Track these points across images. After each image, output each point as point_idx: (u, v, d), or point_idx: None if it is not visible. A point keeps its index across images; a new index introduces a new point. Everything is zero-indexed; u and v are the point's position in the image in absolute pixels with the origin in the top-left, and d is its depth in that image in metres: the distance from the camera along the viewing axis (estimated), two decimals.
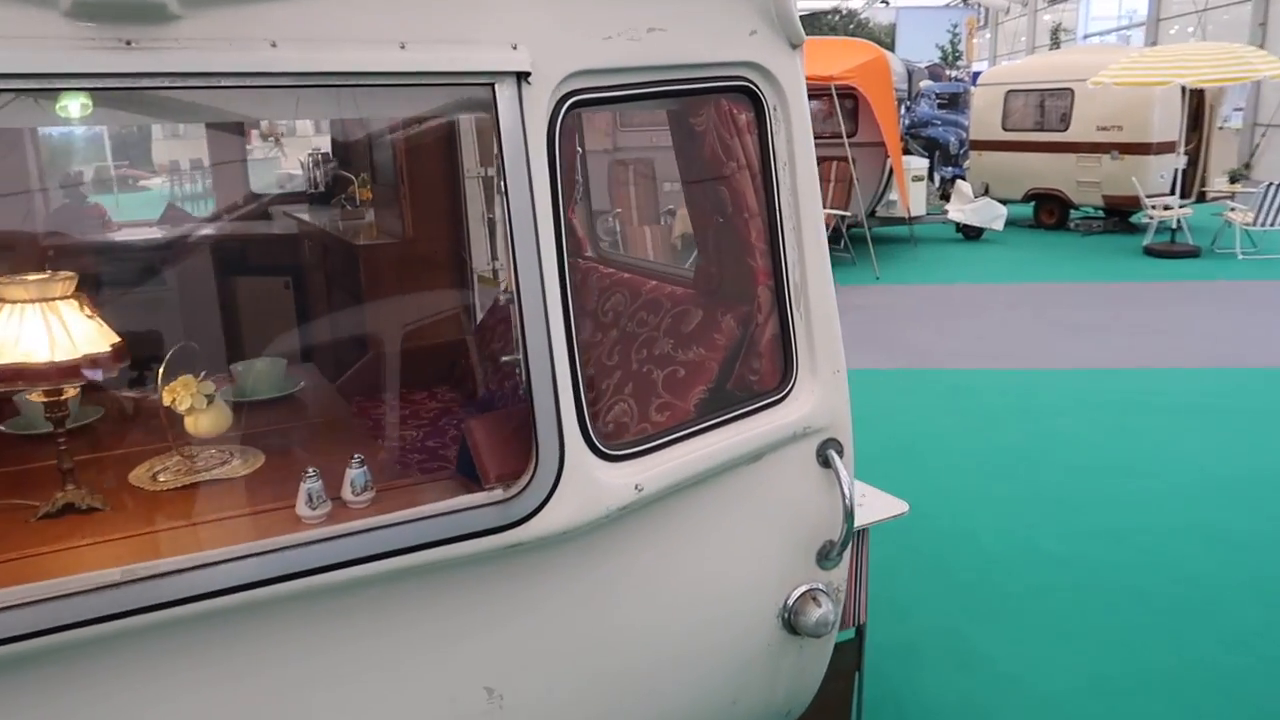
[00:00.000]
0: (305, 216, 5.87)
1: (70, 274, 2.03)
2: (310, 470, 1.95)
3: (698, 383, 2.36)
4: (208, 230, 5.60)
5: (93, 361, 1.94)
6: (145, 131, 9.86)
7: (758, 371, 2.33)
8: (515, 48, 1.75)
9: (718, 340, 2.40)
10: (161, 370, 2.17)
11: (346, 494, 1.98)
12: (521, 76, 1.75)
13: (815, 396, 2.20)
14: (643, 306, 2.77)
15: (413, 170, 4.48)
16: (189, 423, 2.19)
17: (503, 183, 1.78)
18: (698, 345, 2.44)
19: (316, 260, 5.40)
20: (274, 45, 1.56)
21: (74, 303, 2.00)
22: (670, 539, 2.07)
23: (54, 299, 1.95)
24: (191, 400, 2.10)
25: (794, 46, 2.10)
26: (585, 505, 1.85)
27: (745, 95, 2.11)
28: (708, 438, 2.08)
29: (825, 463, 2.22)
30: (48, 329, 1.91)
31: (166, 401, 2.13)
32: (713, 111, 2.32)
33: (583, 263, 3.36)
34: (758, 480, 2.17)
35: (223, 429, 2.25)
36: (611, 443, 1.95)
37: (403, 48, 1.66)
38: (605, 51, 1.88)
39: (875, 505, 2.87)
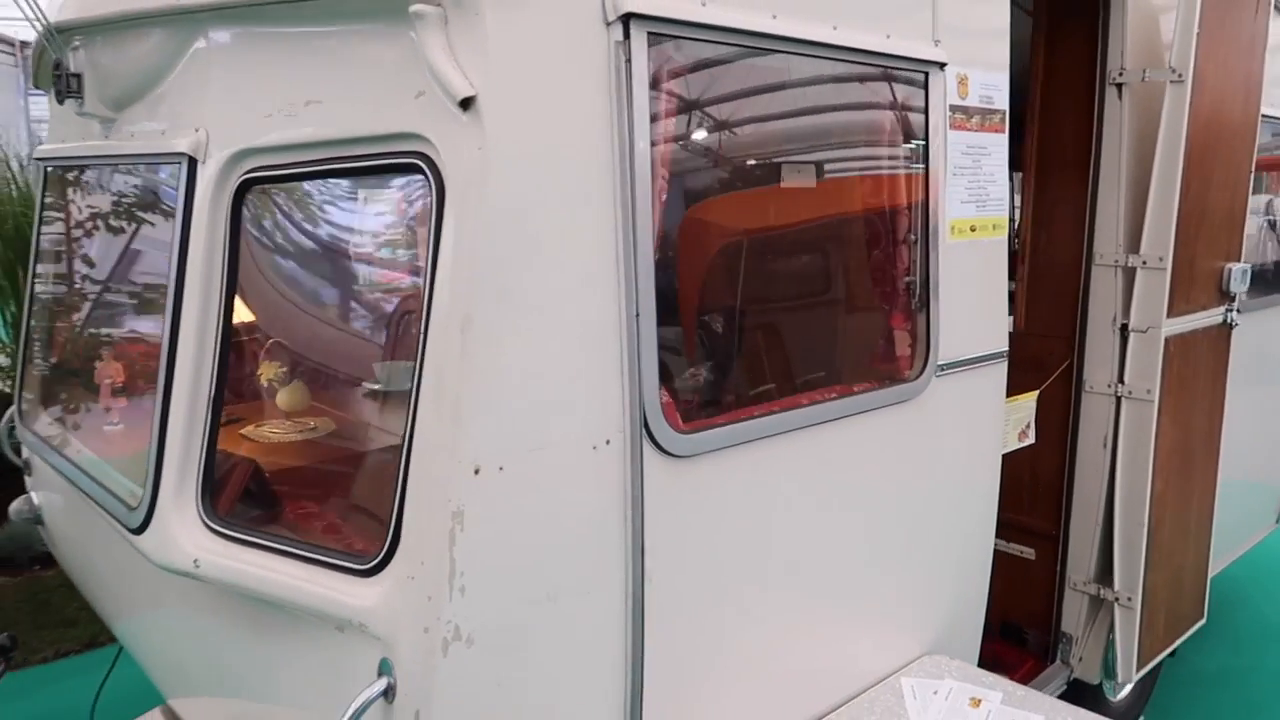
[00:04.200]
0: None
1: None
2: None
3: None
4: None
5: None
6: None
7: None
8: (196, 130, 1.90)
9: None
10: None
11: None
12: (192, 160, 1.89)
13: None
14: None
15: None
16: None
17: (176, 260, 1.94)
18: None
19: None
20: None
21: None
22: None
23: None
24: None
25: (462, 106, 1.51)
26: None
27: (419, 175, 1.62)
28: None
29: None
30: None
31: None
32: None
33: None
34: None
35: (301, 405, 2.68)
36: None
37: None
38: (267, 129, 1.81)
39: None
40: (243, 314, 2.38)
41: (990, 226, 2.57)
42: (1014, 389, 3.21)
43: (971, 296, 2.53)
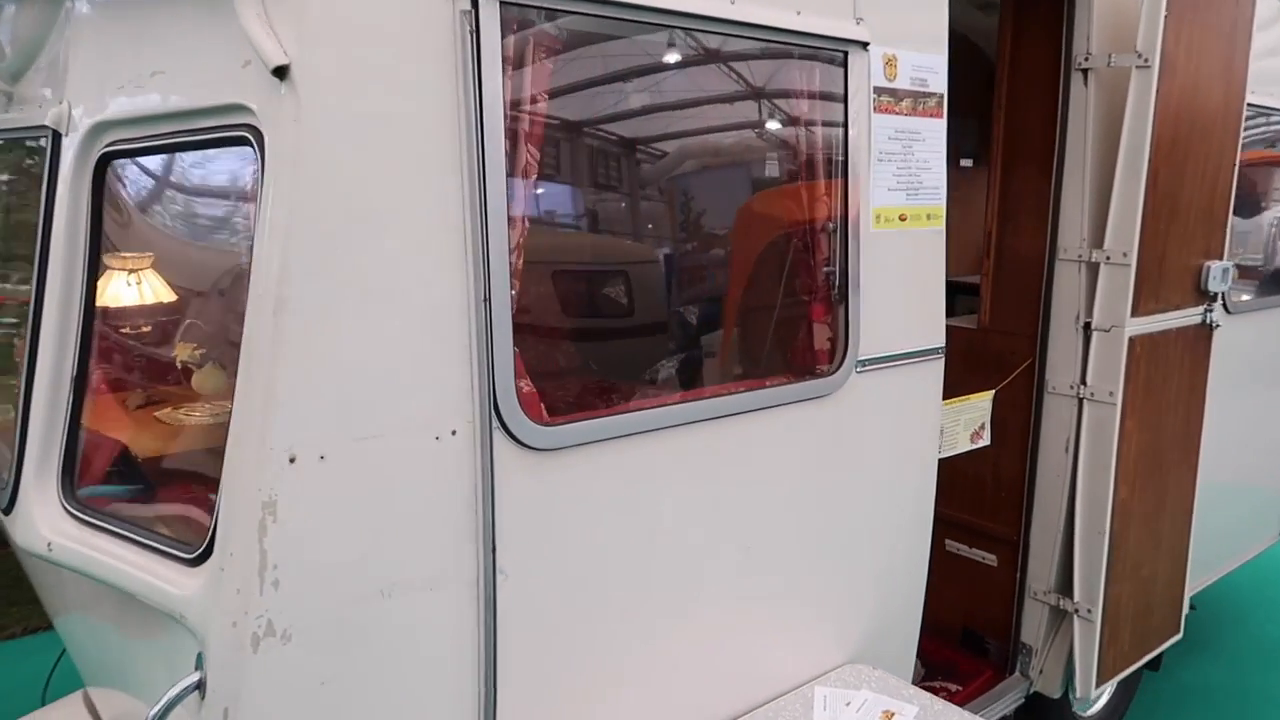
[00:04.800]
0: None
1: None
2: None
3: None
4: None
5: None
6: None
7: None
8: (61, 102, 1.85)
9: None
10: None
11: None
12: (56, 133, 1.84)
13: None
14: None
15: None
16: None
17: (40, 236, 1.90)
18: None
19: None
20: None
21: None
22: None
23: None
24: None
25: (277, 75, 1.44)
26: None
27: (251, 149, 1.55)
28: None
29: None
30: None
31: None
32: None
33: None
34: None
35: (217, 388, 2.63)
36: None
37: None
38: (120, 101, 1.76)
39: None
40: (164, 293, 2.34)
41: (924, 216, 2.44)
42: (976, 387, 3.08)
43: (901, 290, 2.40)
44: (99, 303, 2.01)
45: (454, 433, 1.64)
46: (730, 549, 2.14)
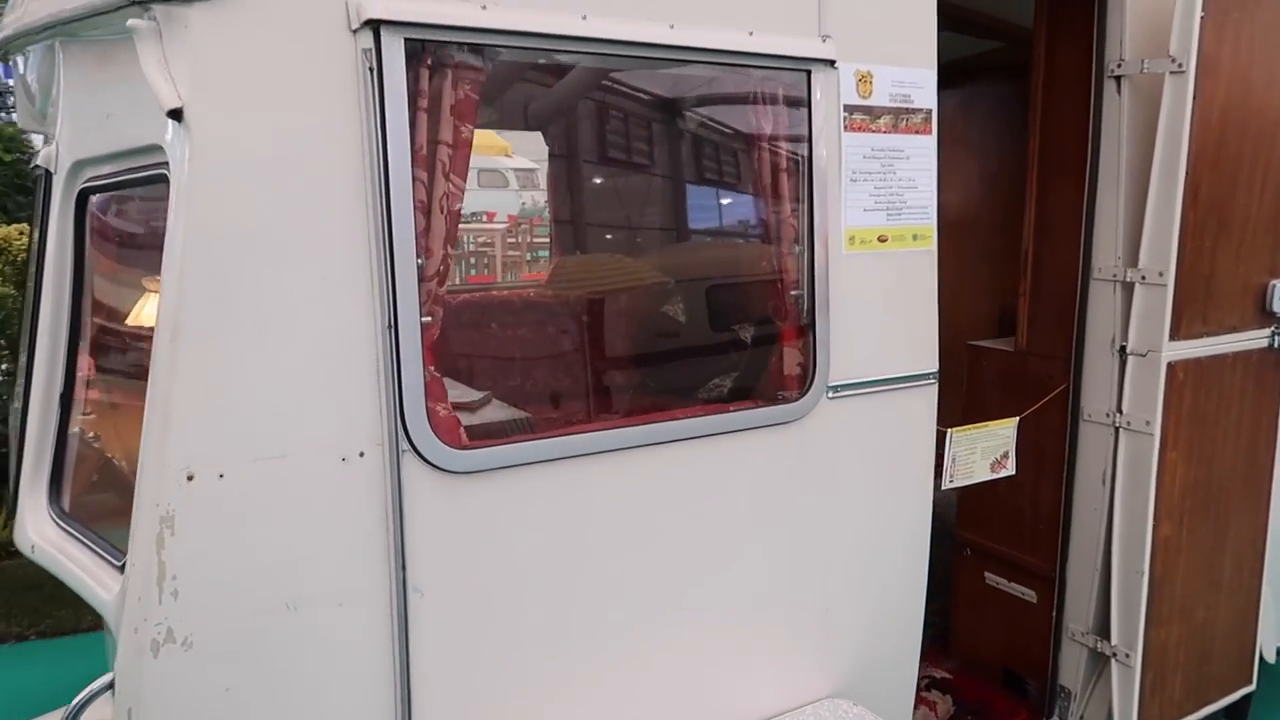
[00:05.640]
0: None
1: None
2: None
3: None
4: None
5: None
6: None
7: None
8: (49, 142, 2.04)
9: None
10: None
11: None
12: (48, 172, 2.03)
13: None
14: None
15: None
16: None
17: (34, 268, 2.08)
18: None
19: None
20: None
21: None
22: None
23: None
24: None
25: (174, 118, 1.53)
26: None
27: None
28: None
29: None
30: None
31: None
32: None
33: None
34: None
35: None
36: None
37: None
38: (88, 141, 1.91)
39: None
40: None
41: (910, 237, 2.35)
42: (1014, 412, 2.94)
43: (882, 314, 2.32)
44: (137, 321, 2.19)
45: (362, 455, 1.70)
46: (679, 576, 2.11)
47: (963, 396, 3.38)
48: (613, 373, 2.24)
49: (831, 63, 2.14)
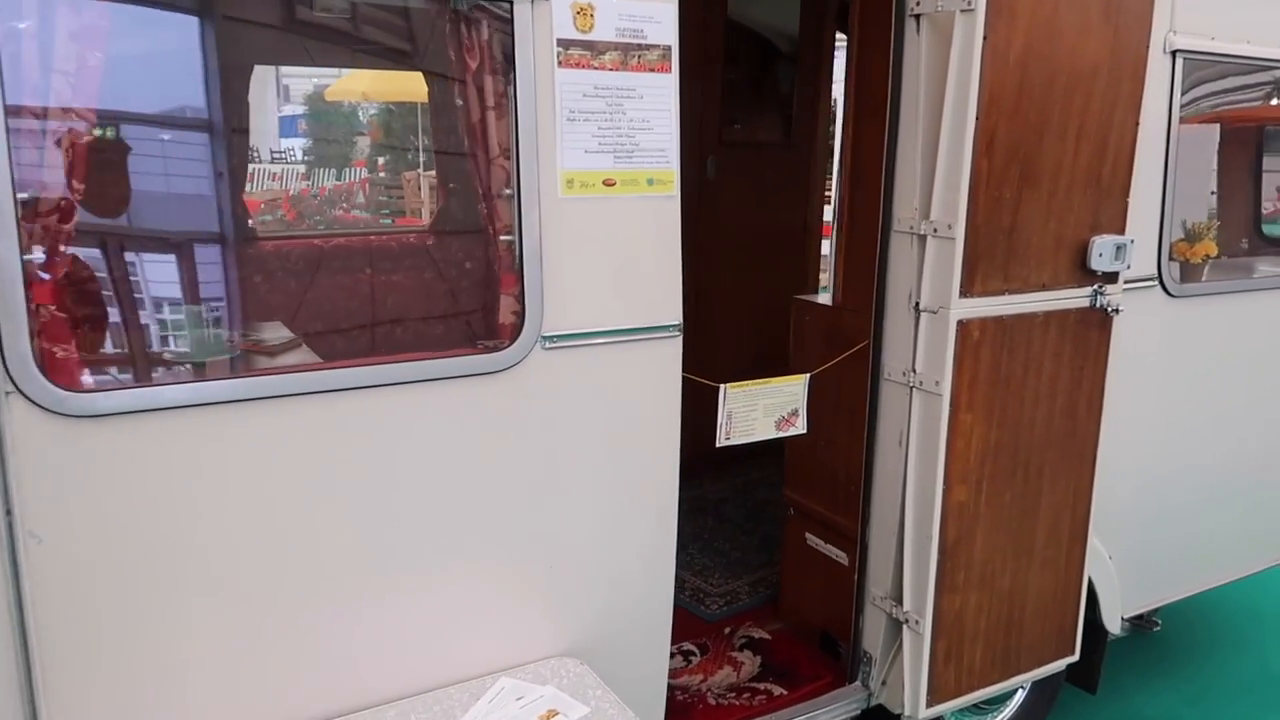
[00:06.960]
0: None
1: None
2: None
3: None
4: None
5: None
6: None
7: None
8: None
9: None
10: None
11: None
12: None
13: None
14: None
15: None
16: None
17: None
18: None
19: None
20: None
21: None
22: None
23: None
24: None
25: None
26: None
27: None
28: None
29: None
30: None
31: None
32: None
33: None
34: None
35: None
36: None
37: None
38: None
39: None
40: None
41: (644, 181, 2.22)
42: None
43: (611, 262, 2.21)
44: None
45: None
46: (376, 528, 2.05)
47: (790, 351, 3.27)
48: (322, 320, 2.17)
49: None
